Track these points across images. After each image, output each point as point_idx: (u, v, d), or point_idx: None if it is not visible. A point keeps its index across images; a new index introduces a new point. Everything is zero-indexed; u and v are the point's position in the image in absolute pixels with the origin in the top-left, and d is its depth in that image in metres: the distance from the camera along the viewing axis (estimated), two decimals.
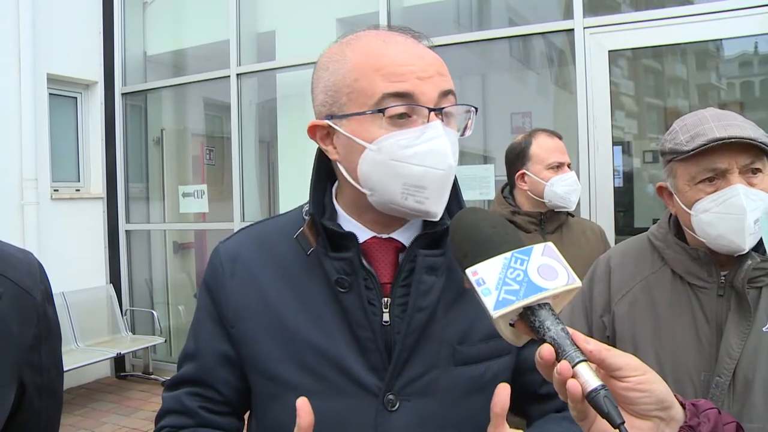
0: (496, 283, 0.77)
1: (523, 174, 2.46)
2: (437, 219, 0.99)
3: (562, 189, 2.41)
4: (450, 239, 0.87)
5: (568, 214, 2.53)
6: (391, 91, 0.93)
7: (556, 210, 2.46)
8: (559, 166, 2.44)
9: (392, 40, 0.98)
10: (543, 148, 2.45)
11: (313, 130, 1.03)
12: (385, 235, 1.04)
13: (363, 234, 1.03)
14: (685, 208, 1.39)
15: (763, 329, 1.33)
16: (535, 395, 1.10)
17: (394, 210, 0.99)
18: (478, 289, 0.77)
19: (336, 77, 0.98)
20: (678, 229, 1.49)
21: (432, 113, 0.95)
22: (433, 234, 1.02)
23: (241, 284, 1.05)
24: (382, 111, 0.93)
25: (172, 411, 1.10)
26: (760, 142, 1.29)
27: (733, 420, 0.85)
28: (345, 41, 1.02)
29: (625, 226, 4.31)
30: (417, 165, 0.94)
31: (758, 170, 1.32)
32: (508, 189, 2.60)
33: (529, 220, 2.43)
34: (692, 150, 1.32)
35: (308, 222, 1.02)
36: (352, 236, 1.00)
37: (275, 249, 1.07)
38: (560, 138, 2.52)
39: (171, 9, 6.60)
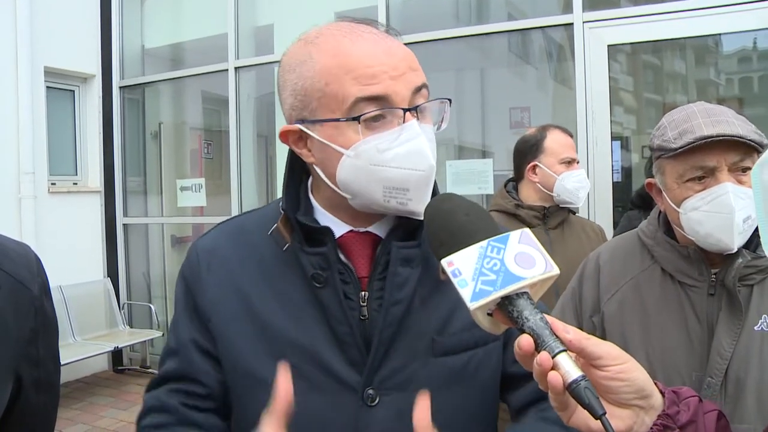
0: (473, 273, 0.75)
1: (535, 166, 2.47)
2: (421, 218, 0.96)
3: (572, 184, 2.42)
4: (425, 228, 0.85)
5: (570, 211, 2.54)
6: (364, 96, 0.91)
7: (561, 206, 2.47)
8: (570, 162, 2.46)
9: (359, 37, 0.94)
10: (558, 142, 2.47)
11: (285, 135, 1.00)
12: (362, 229, 1.02)
13: (340, 228, 1.01)
14: (673, 205, 1.36)
15: (755, 328, 1.31)
16: (506, 375, 1.09)
17: (377, 211, 0.98)
18: (455, 281, 0.75)
19: (304, 81, 0.95)
20: (668, 226, 1.46)
21: (407, 113, 0.93)
22: (407, 225, 1.01)
23: (218, 278, 1.04)
24: (356, 119, 0.91)
25: (151, 409, 1.07)
26: (750, 140, 1.25)
27: (715, 408, 0.85)
28: (308, 39, 0.98)
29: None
30: (397, 168, 0.92)
31: (748, 168, 1.29)
32: (512, 184, 2.60)
33: (533, 215, 2.43)
34: (680, 148, 1.29)
35: (282, 217, 1.00)
36: (327, 231, 0.99)
37: (253, 243, 1.06)
38: (572, 136, 2.56)
39: (169, 2, 6.58)
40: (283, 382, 0.83)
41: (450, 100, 1.01)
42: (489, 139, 5.41)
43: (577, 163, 2.50)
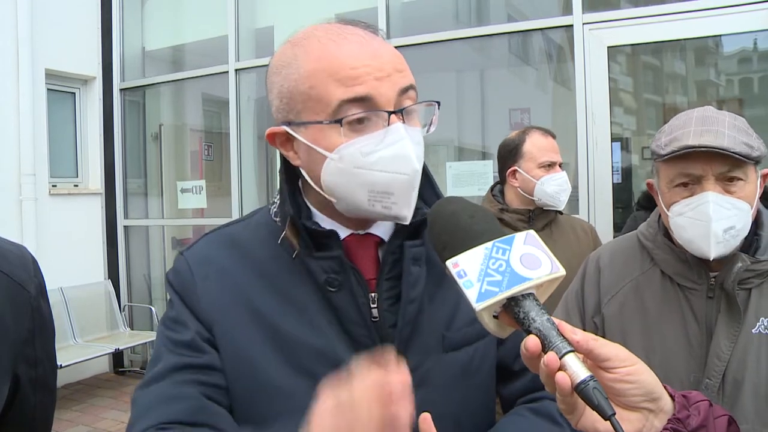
0: (478, 274, 0.74)
1: (515, 171, 2.47)
2: (406, 222, 0.96)
3: (552, 188, 2.41)
4: (429, 230, 0.85)
5: (558, 211, 2.53)
6: (348, 98, 0.89)
7: (545, 208, 2.46)
8: (550, 165, 2.44)
9: (344, 39, 0.93)
10: (536, 146, 2.46)
11: (272, 137, 0.99)
12: (362, 231, 1.02)
13: (341, 232, 1.00)
14: (664, 208, 1.39)
15: (753, 331, 1.32)
16: (507, 371, 1.09)
17: (362, 215, 0.97)
18: (460, 282, 0.75)
19: (289, 83, 0.94)
20: (667, 228, 1.47)
21: (392, 116, 0.91)
22: (411, 225, 0.99)
23: (217, 285, 1.00)
24: (339, 121, 0.90)
25: (165, 399, 0.94)
26: (734, 152, 1.26)
27: (726, 413, 0.84)
28: (295, 41, 0.97)
29: (623, 222, 4.30)
30: (381, 171, 0.90)
31: (737, 178, 1.30)
32: (498, 187, 2.60)
33: (518, 218, 2.43)
34: (666, 155, 1.32)
35: (289, 224, 0.98)
36: (334, 234, 0.97)
37: (249, 251, 1.03)
38: (554, 137, 2.52)
39: (169, 4, 6.59)
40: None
41: (438, 102, 1.00)
42: (489, 140, 5.41)
43: (560, 165, 2.48)
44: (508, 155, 2.51)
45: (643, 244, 1.51)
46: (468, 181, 4.76)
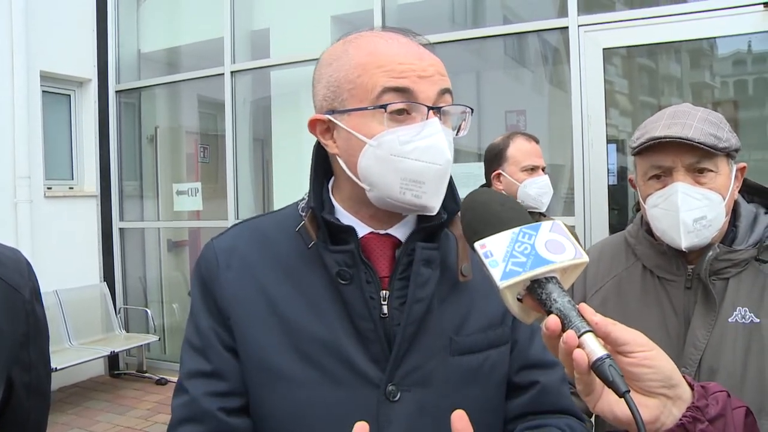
0: (504, 255, 0.78)
1: (499, 174, 2.57)
2: (434, 213, 1.01)
3: (534, 191, 2.51)
4: (461, 219, 0.90)
5: (541, 214, 2.61)
6: (391, 86, 0.96)
7: (528, 211, 2.51)
8: (533, 169, 2.53)
9: (394, 41, 1.01)
10: (520, 150, 2.55)
11: (313, 125, 1.05)
12: (382, 231, 1.05)
13: (361, 229, 1.04)
14: (642, 201, 1.43)
15: (729, 320, 1.35)
16: (508, 384, 1.10)
17: (392, 205, 1.01)
18: (486, 261, 0.78)
19: (338, 73, 1.01)
20: (648, 223, 1.51)
21: (431, 111, 0.97)
22: (429, 228, 1.04)
23: (238, 275, 1.05)
24: (383, 107, 0.96)
25: (186, 419, 1.03)
26: (699, 143, 1.29)
27: (743, 404, 0.85)
28: (348, 39, 1.05)
29: (618, 224, 4.31)
30: (416, 160, 0.96)
31: (707, 169, 1.33)
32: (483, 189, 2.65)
33: None
34: (636, 148, 1.39)
35: (309, 215, 1.03)
36: (351, 230, 1.01)
37: (273, 243, 1.08)
38: (537, 142, 2.62)
39: (165, 6, 6.58)
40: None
41: (472, 109, 1.06)
42: (485, 142, 5.38)
43: (543, 169, 2.57)
44: (493, 159, 2.61)
45: (628, 242, 1.55)
46: (464, 183, 4.75)
